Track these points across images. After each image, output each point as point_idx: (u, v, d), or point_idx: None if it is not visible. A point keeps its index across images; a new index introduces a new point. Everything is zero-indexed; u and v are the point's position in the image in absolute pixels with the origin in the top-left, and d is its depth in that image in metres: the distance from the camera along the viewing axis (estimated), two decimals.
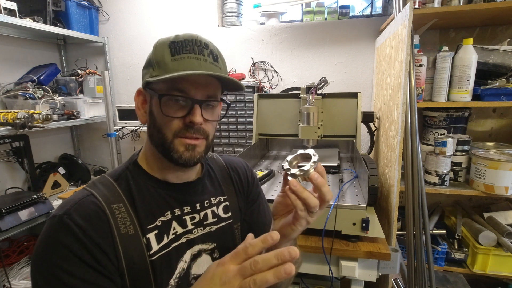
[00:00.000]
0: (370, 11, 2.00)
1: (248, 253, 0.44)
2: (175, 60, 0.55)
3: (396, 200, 1.23)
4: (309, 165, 0.53)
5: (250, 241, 0.45)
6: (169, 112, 0.57)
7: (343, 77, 1.94)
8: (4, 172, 1.96)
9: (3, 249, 1.86)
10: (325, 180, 0.54)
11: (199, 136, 0.59)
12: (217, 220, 0.70)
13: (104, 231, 0.54)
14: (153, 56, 0.58)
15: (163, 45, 0.57)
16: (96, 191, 0.58)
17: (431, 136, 1.58)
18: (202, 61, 0.56)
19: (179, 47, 0.56)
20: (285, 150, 1.96)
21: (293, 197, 0.53)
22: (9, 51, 1.99)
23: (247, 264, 0.43)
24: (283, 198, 0.60)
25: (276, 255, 0.42)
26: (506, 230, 1.41)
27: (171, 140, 0.58)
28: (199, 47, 0.57)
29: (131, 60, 2.28)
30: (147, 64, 0.59)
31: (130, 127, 2.17)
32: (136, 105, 0.64)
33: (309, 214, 0.54)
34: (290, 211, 0.60)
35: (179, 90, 0.56)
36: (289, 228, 0.57)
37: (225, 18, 2.09)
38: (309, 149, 0.57)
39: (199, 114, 0.57)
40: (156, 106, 0.58)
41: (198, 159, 0.60)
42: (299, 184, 0.53)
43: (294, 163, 0.58)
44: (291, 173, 0.54)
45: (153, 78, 0.56)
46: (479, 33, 1.63)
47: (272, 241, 0.44)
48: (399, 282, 1.55)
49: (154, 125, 0.59)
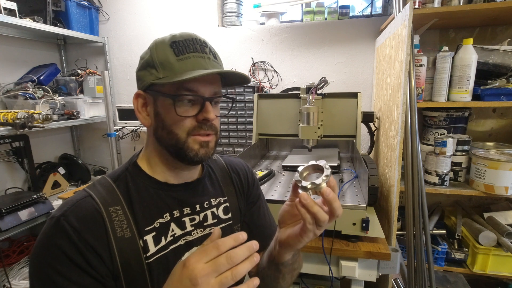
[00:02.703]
0: (370, 11, 2.00)
1: (220, 250, 0.44)
2: (180, 60, 0.55)
3: (396, 200, 1.23)
4: (321, 179, 0.52)
5: (221, 239, 0.46)
6: (182, 112, 0.57)
7: (343, 77, 1.94)
8: (4, 172, 1.96)
9: (3, 249, 1.85)
10: (336, 195, 0.53)
11: (211, 132, 0.60)
12: (217, 221, 0.70)
13: (100, 233, 0.54)
14: (154, 57, 0.57)
15: (163, 45, 0.57)
16: (94, 192, 0.58)
17: (431, 136, 1.58)
18: (207, 59, 0.57)
19: (181, 46, 0.56)
20: (285, 150, 1.96)
21: (302, 211, 0.52)
22: (9, 51, 1.99)
23: (222, 259, 0.43)
24: (291, 207, 0.59)
25: (248, 248, 0.45)
26: (506, 230, 1.41)
27: (184, 139, 0.58)
28: (200, 45, 0.58)
29: (131, 60, 2.28)
30: (146, 65, 0.58)
31: (130, 127, 2.17)
32: (135, 108, 0.63)
33: (317, 227, 0.53)
34: (297, 221, 0.59)
35: (189, 90, 0.56)
36: (295, 239, 0.56)
37: (225, 18, 2.09)
38: (321, 161, 0.56)
39: (211, 110, 0.58)
40: (165, 108, 0.58)
41: (212, 155, 0.62)
42: (310, 198, 0.52)
43: (305, 175, 0.57)
44: (302, 186, 0.53)
45: (160, 80, 0.55)
46: (479, 33, 1.63)
47: (243, 240, 0.46)
48: (399, 282, 1.55)
49: (163, 127, 0.59)
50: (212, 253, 0.44)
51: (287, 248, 0.60)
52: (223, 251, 0.44)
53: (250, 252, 0.45)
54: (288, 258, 0.63)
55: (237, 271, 0.43)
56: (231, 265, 0.43)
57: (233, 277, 0.43)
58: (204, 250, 0.45)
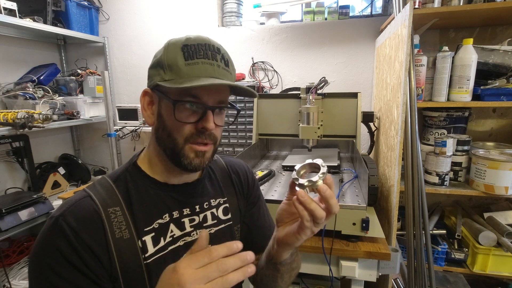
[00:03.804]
0: (370, 11, 2.00)
1: (212, 257, 0.43)
2: (188, 65, 0.54)
3: (396, 200, 1.23)
4: (317, 177, 0.53)
5: (214, 246, 0.44)
6: (182, 118, 0.56)
7: (343, 77, 1.94)
8: (4, 172, 1.96)
9: (3, 249, 1.85)
10: (333, 192, 0.53)
11: (209, 141, 0.59)
12: (217, 222, 0.69)
13: (98, 234, 0.54)
14: (164, 57, 0.56)
15: (175, 47, 0.56)
16: (94, 193, 0.58)
17: (431, 136, 1.58)
18: (216, 67, 0.56)
19: (192, 51, 0.55)
20: (285, 150, 1.96)
21: (300, 208, 0.52)
22: (9, 51, 1.99)
23: (214, 266, 0.42)
24: (288, 206, 0.59)
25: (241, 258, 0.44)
26: (506, 230, 1.41)
27: (182, 145, 0.57)
28: (212, 52, 0.56)
29: (131, 60, 2.28)
30: (156, 64, 0.58)
31: (130, 127, 2.17)
32: (142, 105, 0.63)
33: (315, 224, 0.53)
34: (294, 219, 0.59)
35: (192, 96, 0.56)
36: (293, 237, 0.56)
37: (225, 18, 2.08)
38: (318, 159, 0.56)
39: (212, 120, 0.57)
40: (167, 110, 0.57)
41: (206, 165, 0.61)
42: (307, 195, 0.52)
43: (302, 173, 0.57)
44: (299, 184, 0.54)
45: (165, 82, 0.55)
46: (479, 33, 1.63)
47: (237, 249, 0.45)
48: (399, 282, 1.55)
49: (163, 128, 0.59)
50: (203, 260, 0.43)
51: (285, 246, 0.60)
52: (214, 259, 0.43)
53: (243, 263, 0.43)
54: (286, 257, 0.63)
55: (227, 279, 0.42)
56: (222, 274, 0.42)
57: (223, 285, 0.42)
58: (196, 256, 0.43)
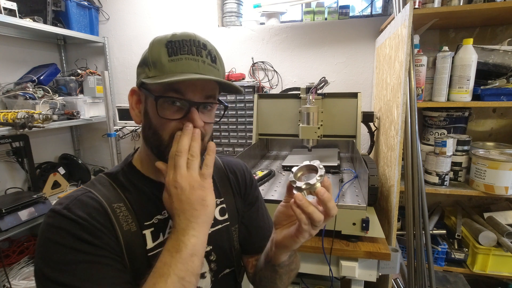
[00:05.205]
0: (370, 11, 2.00)
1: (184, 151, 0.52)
2: (172, 61, 0.53)
3: (396, 200, 1.23)
4: (315, 179, 0.52)
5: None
6: (166, 114, 0.55)
7: (343, 77, 1.94)
8: (4, 172, 1.96)
9: (3, 249, 1.85)
10: (331, 194, 0.52)
11: None
12: (214, 222, 0.69)
13: (107, 225, 0.54)
14: (149, 54, 0.56)
15: (159, 44, 0.55)
16: (95, 189, 0.58)
17: (431, 136, 1.58)
18: (200, 63, 0.55)
19: (176, 47, 0.54)
20: (285, 150, 1.96)
21: (297, 211, 0.51)
22: (9, 51, 1.99)
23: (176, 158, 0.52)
24: (286, 208, 0.59)
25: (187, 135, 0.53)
26: (506, 230, 1.41)
27: (167, 142, 0.56)
28: (197, 47, 0.55)
29: (131, 60, 2.28)
30: (142, 62, 0.58)
31: (130, 127, 2.17)
32: (130, 104, 0.62)
33: (313, 227, 0.53)
34: (292, 222, 0.59)
35: (175, 91, 0.54)
36: (291, 240, 0.56)
37: (225, 18, 2.08)
38: (315, 161, 0.56)
39: (197, 116, 0.55)
40: (152, 108, 0.56)
41: None
42: (305, 198, 0.51)
43: (299, 175, 0.56)
44: (297, 187, 0.53)
45: (148, 79, 0.54)
46: (479, 33, 1.63)
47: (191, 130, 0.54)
48: (399, 282, 1.55)
49: (149, 126, 0.58)
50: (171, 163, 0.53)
51: (283, 249, 0.59)
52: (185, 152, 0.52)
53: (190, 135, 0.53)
54: (285, 259, 0.63)
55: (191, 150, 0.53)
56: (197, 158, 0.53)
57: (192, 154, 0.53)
58: (174, 166, 0.52)
